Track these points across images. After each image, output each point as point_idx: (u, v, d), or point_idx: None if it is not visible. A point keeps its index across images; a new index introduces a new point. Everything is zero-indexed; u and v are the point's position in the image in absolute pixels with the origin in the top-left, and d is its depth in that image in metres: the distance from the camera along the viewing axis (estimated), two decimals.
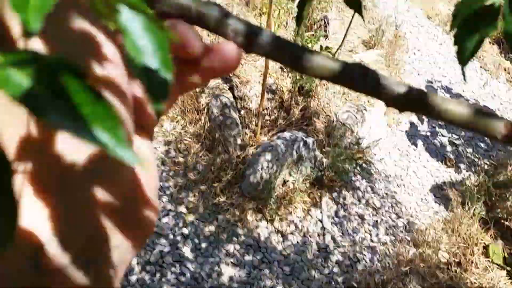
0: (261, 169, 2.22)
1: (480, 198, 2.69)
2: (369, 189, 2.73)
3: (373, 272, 2.22)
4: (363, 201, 2.62)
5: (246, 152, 2.36)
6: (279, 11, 3.29)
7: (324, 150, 2.63)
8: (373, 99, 3.50)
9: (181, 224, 2.11)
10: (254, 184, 2.22)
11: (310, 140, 2.45)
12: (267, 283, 2.01)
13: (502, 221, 2.64)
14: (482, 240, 2.51)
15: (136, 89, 0.19)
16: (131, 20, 0.14)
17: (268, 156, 2.25)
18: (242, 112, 2.57)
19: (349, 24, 2.65)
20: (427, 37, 4.24)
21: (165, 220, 2.10)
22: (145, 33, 0.14)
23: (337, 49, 2.78)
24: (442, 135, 3.37)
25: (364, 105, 3.20)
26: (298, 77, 2.84)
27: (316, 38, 2.90)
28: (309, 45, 2.84)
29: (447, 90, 3.80)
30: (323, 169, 2.57)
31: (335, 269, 2.19)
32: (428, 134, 3.37)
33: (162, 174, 2.31)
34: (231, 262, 2.03)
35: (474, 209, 2.64)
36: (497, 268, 2.36)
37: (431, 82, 3.85)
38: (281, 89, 2.83)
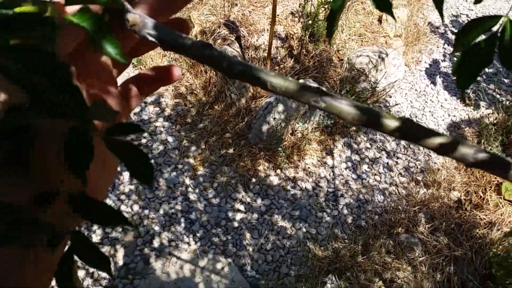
0: (270, 119, 2.28)
1: (497, 138, 2.66)
2: None
3: (382, 213, 2.31)
4: (376, 145, 2.65)
5: (254, 104, 2.42)
6: None
7: None
8: (391, 39, 3.40)
9: (189, 177, 2.25)
10: (261, 134, 2.29)
11: (324, 89, 2.46)
12: (275, 227, 2.14)
13: None
14: (495, 178, 2.51)
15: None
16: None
17: (280, 107, 2.29)
18: (250, 62, 2.59)
19: None
20: None
21: (174, 173, 2.24)
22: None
23: None
24: None
25: (383, 48, 3.13)
26: (310, 23, 2.80)
27: None
28: None
29: None
30: (335, 116, 2.59)
31: (344, 211, 2.28)
32: (449, 71, 3.27)
33: (169, 128, 2.42)
34: (239, 210, 2.17)
35: (490, 148, 2.62)
36: (509, 204, 2.38)
37: (456, 17, 3.66)
38: (291, 36, 2.81)
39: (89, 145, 0.21)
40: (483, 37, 0.32)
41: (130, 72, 2.57)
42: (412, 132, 0.24)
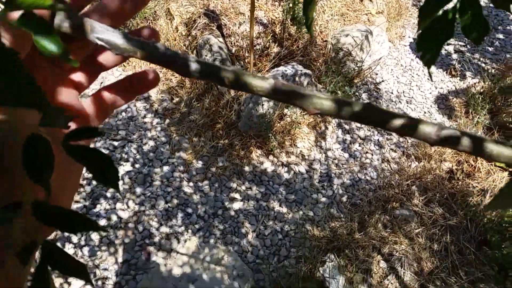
0: (258, 106, 2.29)
1: (485, 106, 2.68)
2: None
3: (375, 189, 2.33)
4: None
5: (241, 92, 2.42)
6: None
7: (321, 79, 2.65)
8: (373, 16, 3.40)
9: (182, 170, 2.25)
10: (250, 121, 2.30)
11: (310, 72, 2.46)
12: (271, 212, 2.16)
13: (508, 124, 2.64)
14: None
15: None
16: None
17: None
18: (234, 50, 2.59)
19: None
20: None
21: (167, 168, 2.24)
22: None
23: None
24: (448, 43, 3.28)
25: (366, 26, 3.12)
26: (290, 6, 2.79)
27: None
28: None
29: None
30: None
31: (339, 191, 2.31)
32: None
33: (158, 123, 2.42)
34: (235, 198, 2.18)
35: (478, 117, 2.65)
36: (499, 170, 2.41)
37: None
38: (272, 21, 2.80)
39: (48, 152, 0.21)
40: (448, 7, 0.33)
41: (122, 74, 2.56)
42: (372, 115, 0.24)
